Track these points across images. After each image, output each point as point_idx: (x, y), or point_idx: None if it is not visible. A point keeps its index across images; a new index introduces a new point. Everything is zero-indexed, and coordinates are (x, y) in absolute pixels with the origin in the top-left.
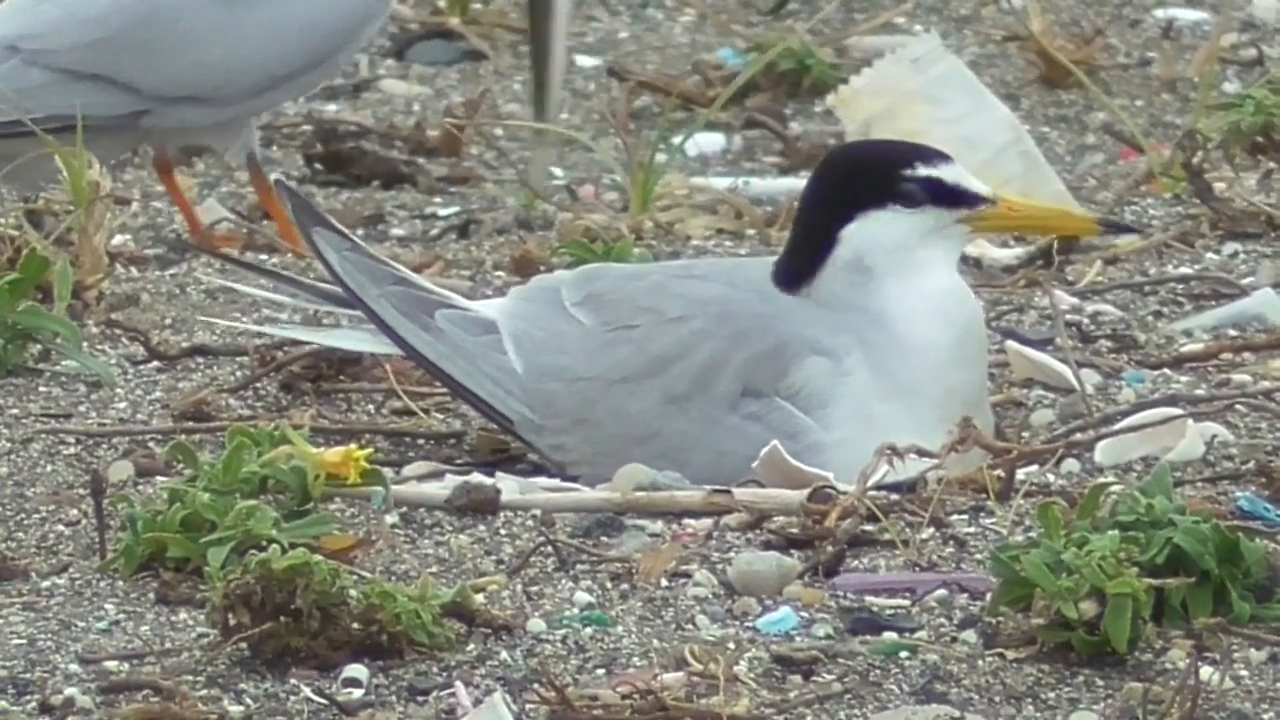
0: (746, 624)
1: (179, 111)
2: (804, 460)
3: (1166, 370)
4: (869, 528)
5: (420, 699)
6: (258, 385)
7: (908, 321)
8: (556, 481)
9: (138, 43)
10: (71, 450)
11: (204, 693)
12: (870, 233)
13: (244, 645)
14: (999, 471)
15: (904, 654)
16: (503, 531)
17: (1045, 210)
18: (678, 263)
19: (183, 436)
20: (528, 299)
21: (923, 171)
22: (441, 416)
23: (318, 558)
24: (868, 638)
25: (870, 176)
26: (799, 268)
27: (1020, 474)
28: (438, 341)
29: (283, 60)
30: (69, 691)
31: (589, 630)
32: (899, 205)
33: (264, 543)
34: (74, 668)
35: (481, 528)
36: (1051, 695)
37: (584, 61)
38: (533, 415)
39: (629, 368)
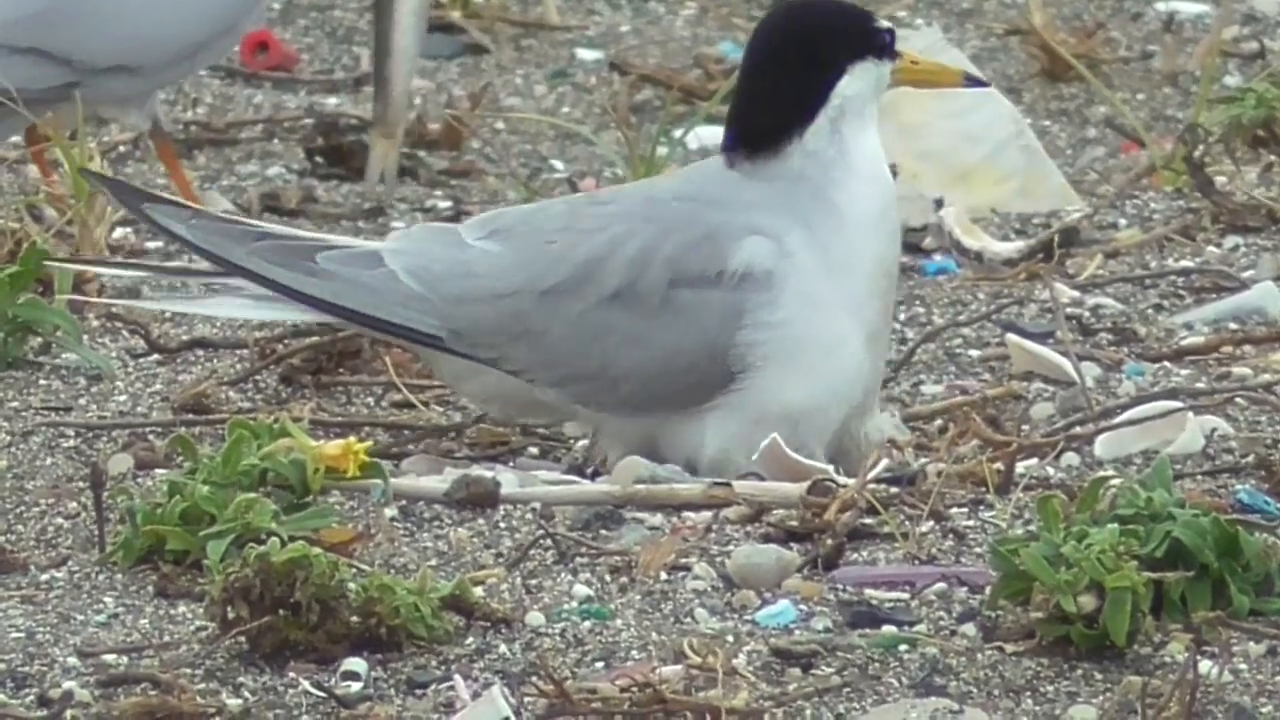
0: (745, 617)
1: (109, 82)
2: (753, 343)
3: (1167, 363)
4: (868, 521)
5: (419, 692)
6: (257, 378)
7: (845, 187)
8: (556, 474)
9: (71, 15)
10: (71, 443)
11: (203, 686)
12: (858, 86)
13: (243, 638)
14: (998, 465)
15: (903, 647)
16: (502, 524)
17: (931, 66)
18: (583, 195)
19: (182, 429)
20: (415, 238)
21: (883, 23)
22: (441, 409)
23: (317, 551)
24: (867, 631)
25: (854, 28)
26: (779, 127)
27: (1020, 467)
28: (329, 281)
29: (201, 27)
30: (68, 684)
31: (588, 623)
32: (873, 57)
33: (263, 536)
34: (73, 661)
35: (481, 521)
36: (1050, 688)
37: (585, 55)
38: (461, 335)
39: (555, 276)
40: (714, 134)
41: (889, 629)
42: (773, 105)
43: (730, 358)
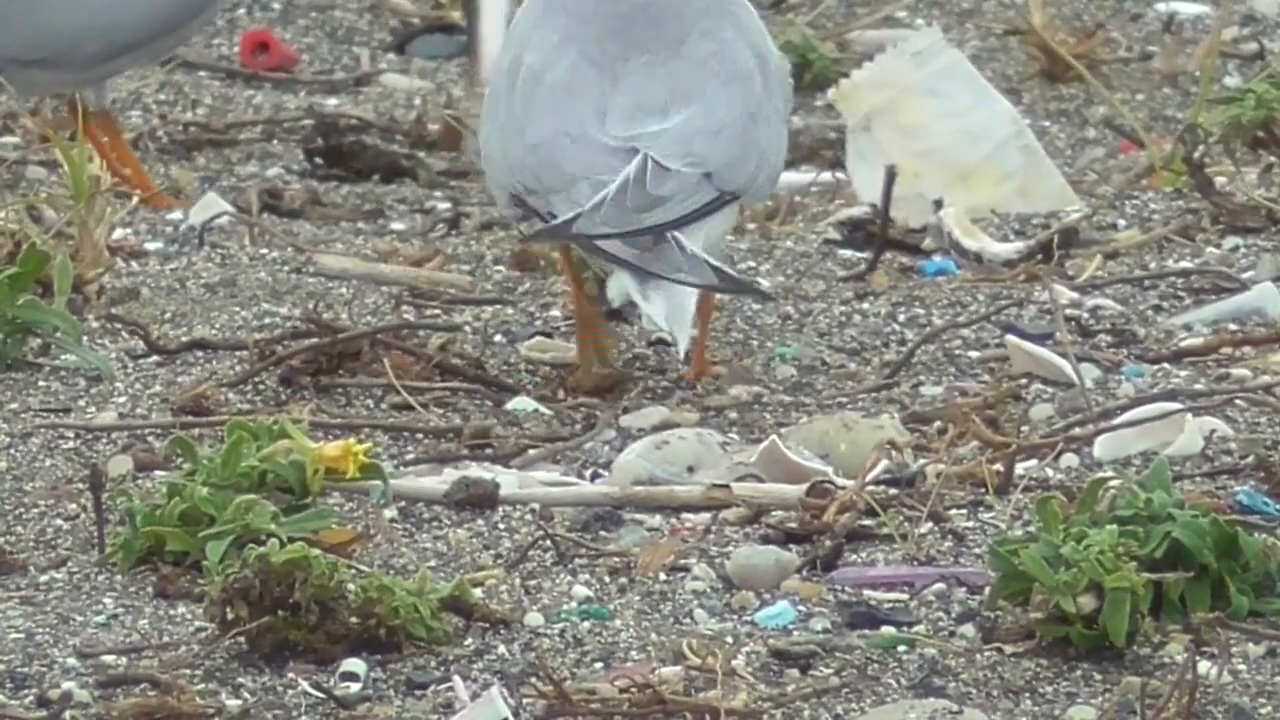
0: (744, 618)
1: (28, 73)
2: None
3: (1166, 365)
4: (867, 522)
5: (418, 693)
6: (257, 379)
7: None
8: (555, 475)
9: None
10: (70, 444)
11: (202, 686)
12: None
13: (242, 639)
14: (998, 466)
15: (902, 648)
16: (501, 525)
17: None
18: None
19: (182, 431)
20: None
21: None
22: (440, 411)
23: (316, 552)
24: (866, 632)
25: None
26: None
27: (1019, 468)
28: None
29: (130, 29)
30: (67, 685)
31: (587, 624)
32: None
33: (262, 537)
34: (72, 661)
35: (480, 522)
36: (1049, 689)
37: None
38: None
39: None
40: None
41: (888, 630)
42: None
43: None
